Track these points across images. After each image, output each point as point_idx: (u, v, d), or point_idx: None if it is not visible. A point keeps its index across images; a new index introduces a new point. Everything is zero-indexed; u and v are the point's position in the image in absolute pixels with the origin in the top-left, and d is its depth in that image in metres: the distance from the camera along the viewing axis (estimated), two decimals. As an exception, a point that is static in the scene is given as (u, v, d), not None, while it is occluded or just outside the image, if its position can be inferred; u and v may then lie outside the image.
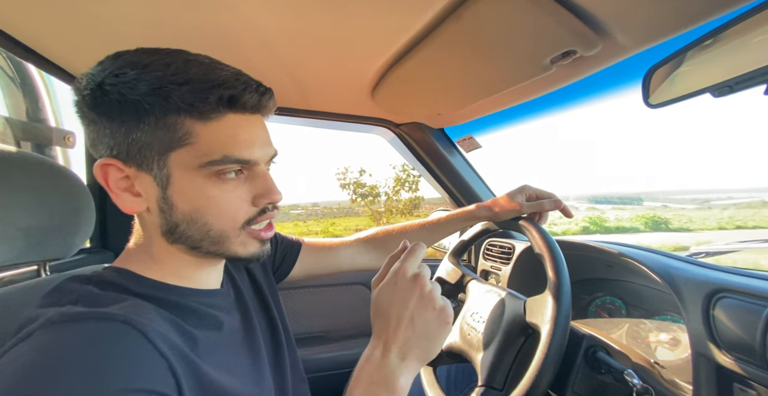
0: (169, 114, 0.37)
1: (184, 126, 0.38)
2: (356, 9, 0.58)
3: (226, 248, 0.43)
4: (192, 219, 0.41)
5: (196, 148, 0.39)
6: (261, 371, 0.50)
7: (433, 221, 0.80)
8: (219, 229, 0.42)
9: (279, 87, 0.92)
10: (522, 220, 0.69)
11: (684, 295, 0.63)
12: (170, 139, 0.38)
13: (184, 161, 0.39)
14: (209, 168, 0.39)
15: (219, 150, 0.39)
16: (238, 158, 0.40)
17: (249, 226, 0.43)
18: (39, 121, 0.88)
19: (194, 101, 0.37)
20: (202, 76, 0.38)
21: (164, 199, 0.40)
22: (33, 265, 0.61)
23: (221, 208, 0.41)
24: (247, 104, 0.40)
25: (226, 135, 0.39)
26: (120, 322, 0.33)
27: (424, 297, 0.45)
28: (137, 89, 0.36)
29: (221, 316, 0.47)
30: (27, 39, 0.68)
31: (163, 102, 0.37)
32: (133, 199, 0.41)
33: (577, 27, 0.55)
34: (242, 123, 0.41)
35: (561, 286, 0.56)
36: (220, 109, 0.39)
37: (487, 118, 1.06)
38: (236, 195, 0.42)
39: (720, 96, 0.47)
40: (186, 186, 0.40)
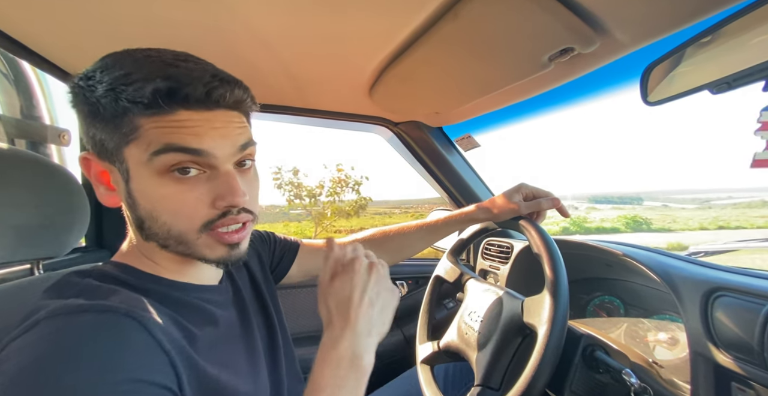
0: (121, 115, 0.37)
1: (132, 122, 0.37)
2: (353, 7, 0.58)
3: (192, 250, 0.42)
4: (152, 217, 0.40)
5: (143, 141, 0.38)
6: (257, 368, 0.50)
7: (431, 223, 0.80)
8: (177, 229, 0.40)
9: (277, 85, 0.91)
10: (522, 220, 0.69)
11: (682, 294, 0.63)
12: (119, 135, 0.38)
13: (135, 156, 0.38)
14: (156, 160, 0.37)
15: (161, 139, 0.37)
16: (182, 146, 0.37)
17: (210, 228, 0.41)
18: (33, 119, 0.88)
19: (135, 96, 0.36)
20: (150, 72, 0.37)
21: (128, 194, 0.40)
22: (26, 264, 0.60)
23: (176, 208, 0.39)
24: (190, 97, 0.37)
25: (172, 126, 0.38)
26: (122, 314, 0.34)
27: (379, 279, 0.50)
28: (96, 92, 0.37)
29: (218, 312, 0.47)
30: (22, 36, 0.68)
31: (114, 103, 0.37)
32: (108, 192, 0.42)
33: (575, 24, 0.55)
34: (195, 117, 0.38)
35: (559, 287, 0.55)
36: (161, 104, 0.37)
37: (485, 116, 1.06)
38: (193, 195, 0.39)
39: (718, 93, 0.47)
40: (142, 183, 0.39)
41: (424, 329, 0.80)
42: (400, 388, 0.90)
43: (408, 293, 1.31)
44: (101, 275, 0.41)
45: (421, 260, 1.36)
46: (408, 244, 0.81)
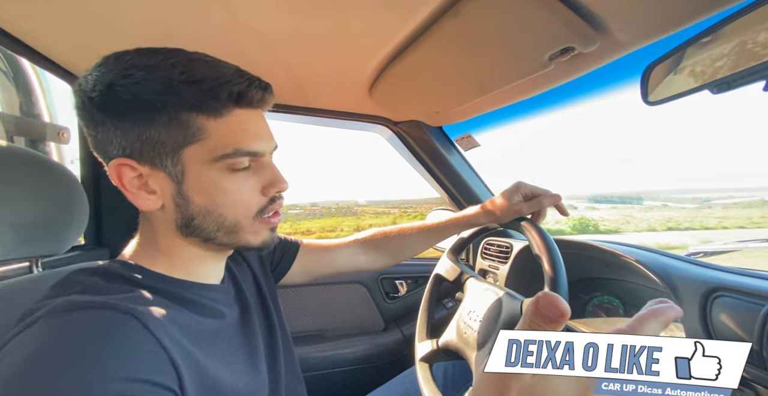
0: (181, 112, 0.39)
1: (197, 122, 0.40)
2: (353, 6, 0.58)
3: (239, 238, 0.45)
4: (208, 211, 0.42)
5: (209, 143, 0.40)
6: (257, 366, 0.51)
7: (432, 225, 0.79)
8: (234, 219, 0.43)
9: (276, 84, 0.89)
10: (524, 222, 0.68)
11: (681, 294, 0.63)
12: (183, 136, 0.40)
13: (198, 156, 0.40)
14: (223, 162, 0.41)
15: (231, 144, 0.41)
16: (249, 151, 0.42)
17: (262, 215, 0.45)
18: (32, 117, 0.87)
19: (206, 98, 0.39)
20: (209, 74, 0.40)
21: (180, 195, 0.42)
22: (25, 262, 0.60)
23: (236, 200, 0.43)
24: (253, 100, 0.42)
25: (236, 129, 0.41)
26: (122, 312, 0.34)
27: None
28: (148, 88, 0.38)
29: (221, 310, 0.48)
30: (23, 35, 0.68)
31: (175, 100, 0.38)
32: (148, 197, 0.42)
33: (576, 23, 0.55)
34: (249, 118, 0.43)
35: (558, 291, 0.55)
36: (229, 105, 0.41)
37: (485, 116, 1.05)
38: (248, 186, 0.44)
39: (719, 93, 0.47)
40: (201, 180, 0.41)
41: (423, 327, 0.80)
42: (399, 387, 0.90)
43: (407, 293, 1.31)
44: (107, 273, 0.41)
45: (421, 260, 1.36)
46: (408, 245, 0.81)
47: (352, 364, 1.18)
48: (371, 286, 1.29)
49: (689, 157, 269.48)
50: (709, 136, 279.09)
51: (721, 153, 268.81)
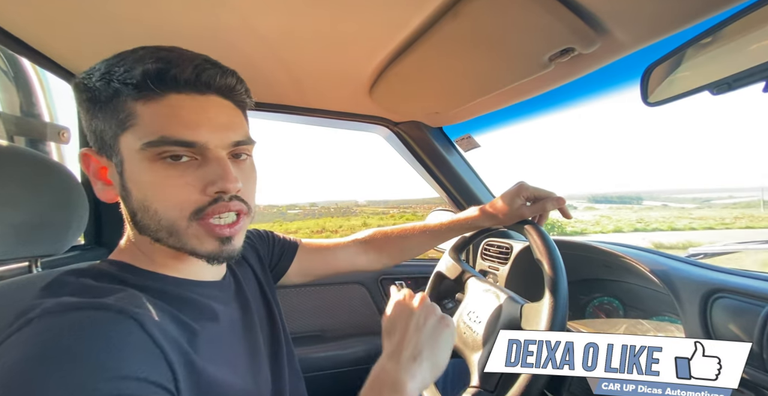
0: (114, 97, 0.38)
1: (126, 107, 0.38)
2: (353, 6, 0.58)
3: (183, 242, 0.41)
4: (144, 206, 0.39)
5: (138, 130, 0.38)
6: (258, 365, 0.50)
7: (434, 227, 0.78)
8: (168, 218, 0.39)
9: (277, 85, 0.91)
10: (526, 225, 0.68)
11: (681, 295, 0.63)
12: (117, 123, 0.39)
13: (130, 144, 0.39)
14: (149, 150, 0.38)
15: (157, 130, 0.37)
16: (179, 139, 0.38)
17: (200, 217, 0.40)
18: (33, 116, 0.87)
19: (126, 78, 0.37)
20: (141, 56, 0.38)
21: (122, 186, 0.40)
22: (24, 261, 0.60)
23: (166, 194, 0.39)
24: (179, 78, 0.38)
25: (166, 114, 0.38)
26: (115, 311, 0.33)
27: (426, 308, 0.50)
28: (93, 77, 0.39)
29: (219, 308, 0.46)
30: (23, 34, 0.68)
31: (106, 86, 0.38)
32: (105, 187, 0.42)
33: (576, 24, 0.55)
34: (186, 103, 0.39)
35: (558, 298, 0.54)
36: (151, 86, 0.37)
37: (485, 117, 1.05)
38: (183, 181, 0.39)
39: (718, 93, 0.47)
40: (135, 171, 0.39)
41: None
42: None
43: (407, 293, 1.31)
44: (97, 274, 0.40)
45: (421, 261, 1.35)
46: (409, 246, 0.80)
47: (351, 365, 1.18)
48: (371, 287, 1.29)
49: (690, 157, 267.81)
50: (709, 136, 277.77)
51: (721, 153, 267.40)
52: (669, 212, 24.83)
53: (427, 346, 0.45)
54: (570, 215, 0.75)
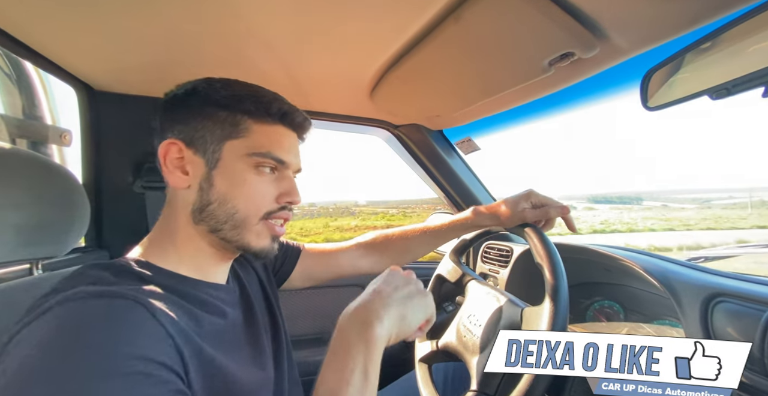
0: (237, 113, 0.48)
1: (246, 124, 0.49)
2: (355, 10, 0.58)
3: (242, 236, 0.48)
4: (224, 199, 0.47)
5: (249, 141, 0.48)
6: (262, 364, 0.52)
7: (434, 227, 0.78)
8: (244, 212, 0.48)
9: (279, 87, 0.90)
10: (527, 228, 0.67)
11: (682, 299, 0.63)
12: (231, 131, 0.48)
13: (236, 149, 0.48)
14: (253, 158, 0.48)
15: (266, 146, 0.49)
16: (277, 157, 0.49)
17: (267, 218, 0.50)
18: (35, 119, 0.88)
19: (260, 108, 0.49)
20: (269, 95, 0.51)
21: (207, 179, 0.47)
22: (25, 264, 0.60)
23: (251, 194, 0.48)
24: (294, 121, 0.52)
25: (274, 139, 0.50)
26: (131, 300, 0.36)
27: (408, 277, 0.54)
28: (220, 93, 0.49)
29: (226, 309, 0.50)
30: (27, 38, 0.68)
31: (237, 104, 0.48)
32: (180, 176, 0.48)
33: (575, 29, 0.55)
34: (287, 135, 0.52)
35: (558, 303, 0.54)
36: (275, 118, 0.50)
37: (485, 120, 1.06)
38: (266, 186, 0.49)
39: (718, 98, 0.47)
40: (230, 169, 0.48)
41: None
42: (398, 391, 0.90)
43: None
44: (119, 269, 0.43)
45: (421, 263, 1.35)
46: (410, 248, 0.80)
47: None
48: (371, 290, 1.28)
49: (690, 157, 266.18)
50: (708, 136, 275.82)
51: (721, 153, 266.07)
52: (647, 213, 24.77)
53: (399, 300, 0.49)
54: (575, 228, 0.73)
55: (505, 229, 0.74)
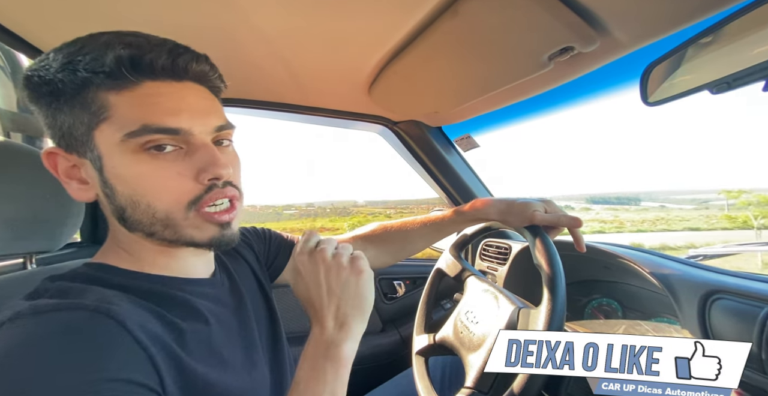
0: (80, 89, 0.36)
1: (98, 99, 0.36)
2: (353, 5, 0.58)
3: (181, 233, 0.39)
4: (134, 202, 0.38)
5: (115, 121, 0.36)
6: (254, 361, 0.48)
7: (436, 219, 0.77)
8: (164, 210, 0.38)
9: (278, 83, 0.91)
10: (531, 228, 0.65)
11: (680, 296, 0.63)
12: (88, 116, 0.36)
13: (108, 137, 0.36)
14: (132, 141, 0.36)
15: (137, 119, 0.36)
16: (161, 126, 0.36)
17: (198, 206, 0.39)
18: (30, 112, 0.87)
19: (95, 67, 0.35)
20: (107, 41, 0.36)
21: (104, 183, 0.38)
22: (19, 258, 0.60)
23: (159, 186, 0.37)
24: (155, 66, 0.36)
25: (144, 103, 0.36)
26: (94, 311, 0.32)
27: (330, 265, 0.44)
28: (51, 68, 0.36)
29: (209, 305, 0.45)
30: (20, 30, 0.68)
31: (71, 76, 0.35)
32: (80, 187, 0.40)
33: (575, 23, 0.55)
34: (164, 90, 0.37)
35: (556, 302, 0.53)
36: (125, 74, 0.35)
37: (485, 117, 1.05)
38: (174, 171, 0.38)
39: (718, 93, 0.47)
40: (117, 165, 0.37)
41: (421, 320, 0.80)
42: (396, 388, 0.90)
43: (405, 293, 1.31)
44: (74, 276, 0.38)
45: (419, 260, 1.35)
46: (410, 240, 0.78)
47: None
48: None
49: (689, 158, 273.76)
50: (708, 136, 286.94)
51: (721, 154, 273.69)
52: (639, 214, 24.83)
53: (349, 305, 0.43)
54: (583, 247, 0.66)
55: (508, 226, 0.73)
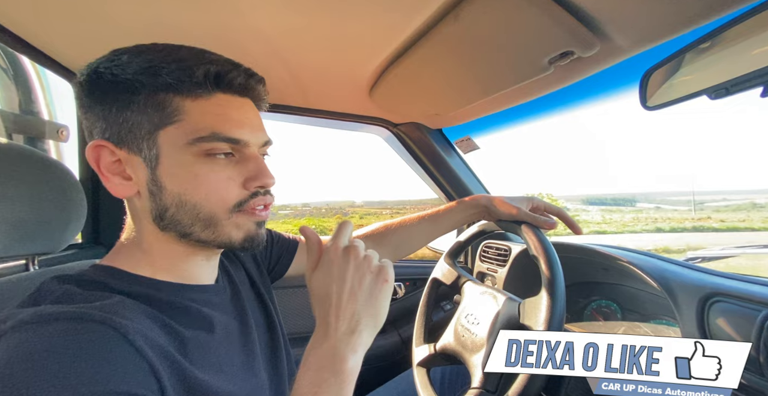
0: (158, 91, 0.38)
1: (173, 103, 0.39)
2: (355, 8, 0.58)
3: (219, 233, 0.41)
4: (181, 201, 0.40)
5: (185, 126, 0.39)
6: (254, 369, 0.48)
7: (432, 212, 0.79)
8: (209, 211, 0.40)
9: (280, 84, 0.91)
10: (523, 225, 0.68)
11: (679, 298, 0.63)
12: (160, 117, 0.39)
13: (173, 139, 0.39)
14: (198, 145, 0.39)
15: (208, 127, 0.39)
16: (228, 136, 0.40)
17: (240, 210, 0.42)
18: (32, 114, 0.87)
19: (182, 76, 0.38)
20: (191, 55, 0.40)
21: (153, 181, 0.40)
22: (21, 260, 0.60)
23: (210, 188, 0.40)
24: (234, 83, 0.41)
25: (216, 113, 0.40)
26: (97, 322, 0.32)
27: (360, 264, 0.43)
28: (129, 69, 0.38)
29: (214, 314, 0.45)
30: (23, 32, 0.68)
31: (153, 79, 0.38)
32: (122, 183, 0.40)
33: (575, 27, 0.55)
34: (232, 103, 0.41)
35: (555, 288, 0.55)
36: (207, 86, 0.39)
37: (485, 119, 1.06)
38: (225, 175, 0.41)
39: (716, 98, 0.47)
40: (174, 165, 0.39)
41: (420, 331, 0.80)
42: (396, 389, 0.90)
43: (405, 295, 1.31)
44: (83, 280, 0.38)
45: (419, 261, 1.35)
46: (410, 236, 0.80)
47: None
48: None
49: (688, 158, 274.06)
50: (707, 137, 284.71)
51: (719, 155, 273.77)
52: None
53: (365, 312, 0.41)
54: (579, 230, 0.72)
55: (501, 226, 0.74)
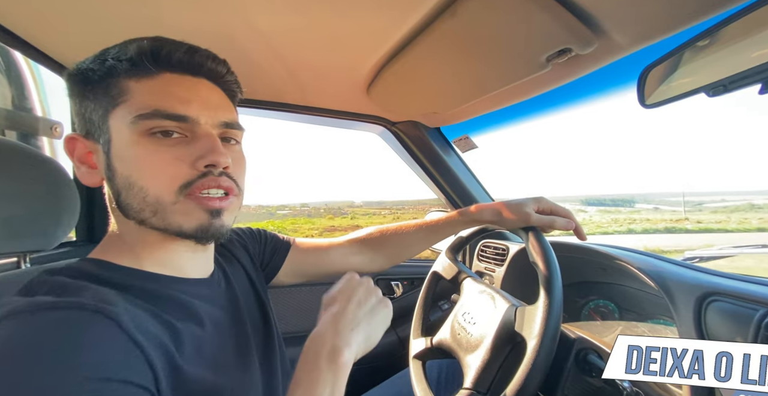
0: (106, 77, 0.40)
1: (119, 84, 0.40)
2: (352, 5, 0.58)
3: (168, 220, 0.40)
4: (129, 184, 0.39)
5: (130, 106, 0.39)
6: (247, 364, 0.48)
7: (431, 222, 0.76)
8: (154, 194, 0.39)
9: (275, 82, 0.91)
10: (530, 232, 0.66)
11: (676, 298, 0.63)
12: (108, 100, 0.40)
13: (120, 120, 0.40)
14: (141, 123, 0.39)
15: (151, 104, 0.39)
16: (171, 112, 0.39)
17: (188, 191, 0.40)
18: (25, 110, 0.87)
19: (120, 56, 0.40)
20: (140, 40, 0.41)
21: (108, 167, 0.41)
22: (12, 257, 0.59)
23: (156, 169, 0.39)
24: (172, 58, 0.41)
25: (160, 91, 0.40)
26: (91, 310, 0.32)
27: (370, 288, 0.52)
28: (86, 62, 0.41)
29: (205, 307, 0.45)
30: (16, 27, 0.67)
31: (101, 65, 0.40)
32: (89, 171, 0.43)
33: (573, 24, 0.55)
34: (181, 82, 0.41)
35: (552, 301, 0.54)
36: (146, 64, 0.40)
37: (483, 118, 1.05)
38: (172, 155, 0.40)
39: (714, 96, 0.47)
40: (123, 147, 0.40)
41: (418, 324, 0.80)
42: (392, 388, 0.89)
43: (403, 294, 1.31)
44: (73, 272, 0.39)
45: (417, 261, 1.35)
46: (407, 244, 0.78)
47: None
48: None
49: (686, 159, 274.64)
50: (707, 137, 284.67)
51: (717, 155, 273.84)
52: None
53: (365, 319, 0.47)
54: (584, 236, 0.71)
55: (503, 227, 0.73)
